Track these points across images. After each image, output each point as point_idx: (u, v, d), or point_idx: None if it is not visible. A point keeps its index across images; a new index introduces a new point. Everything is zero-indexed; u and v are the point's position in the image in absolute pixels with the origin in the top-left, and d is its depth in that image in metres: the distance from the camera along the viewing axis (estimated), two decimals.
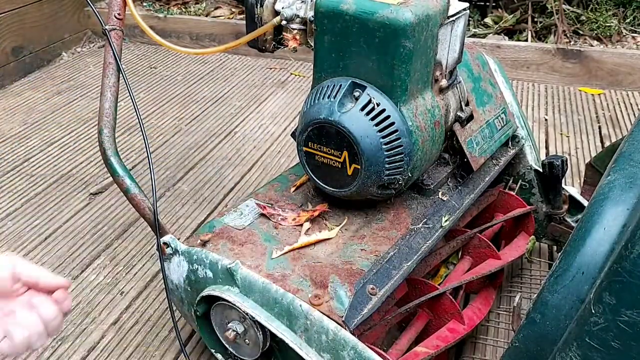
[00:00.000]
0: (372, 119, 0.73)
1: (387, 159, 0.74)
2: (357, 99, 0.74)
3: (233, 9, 2.59)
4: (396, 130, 0.73)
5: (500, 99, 1.01)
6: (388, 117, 0.73)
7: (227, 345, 0.80)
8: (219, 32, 2.48)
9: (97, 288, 1.15)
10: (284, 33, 0.85)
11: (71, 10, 2.49)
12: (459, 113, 0.87)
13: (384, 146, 0.73)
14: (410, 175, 0.78)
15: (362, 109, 0.73)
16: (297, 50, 0.86)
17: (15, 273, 0.61)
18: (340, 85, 0.74)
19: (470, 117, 0.89)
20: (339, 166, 0.76)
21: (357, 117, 0.73)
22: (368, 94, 0.73)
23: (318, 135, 0.76)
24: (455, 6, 0.79)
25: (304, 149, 0.79)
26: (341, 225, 0.81)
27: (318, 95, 0.76)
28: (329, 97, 0.74)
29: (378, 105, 0.73)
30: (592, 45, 2.16)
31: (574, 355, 0.49)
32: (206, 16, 2.58)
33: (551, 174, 1.00)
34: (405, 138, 0.73)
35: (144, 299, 1.12)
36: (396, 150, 0.73)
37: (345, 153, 0.75)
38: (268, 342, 0.74)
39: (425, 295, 0.82)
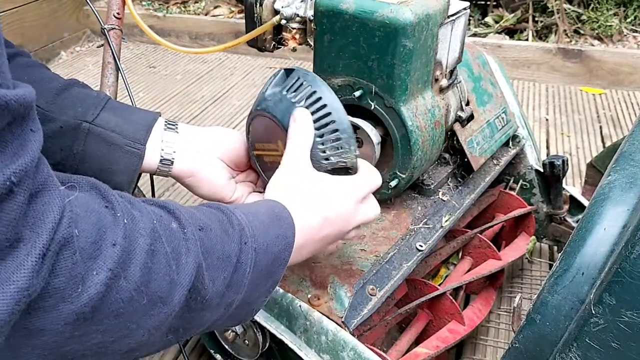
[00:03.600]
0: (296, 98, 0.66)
1: (318, 139, 0.66)
2: (284, 82, 0.68)
3: (232, 8, 2.59)
4: (325, 105, 0.66)
5: (501, 99, 1.01)
6: (314, 92, 0.66)
7: (226, 346, 0.80)
8: (219, 31, 2.48)
9: None
10: (283, 32, 0.85)
11: (70, 9, 2.49)
12: (459, 113, 0.87)
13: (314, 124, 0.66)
14: (410, 175, 0.78)
15: (288, 90, 0.67)
16: (296, 49, 0.86)
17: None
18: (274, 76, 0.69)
19: (471, 117, 0.89)
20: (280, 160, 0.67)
21: (281, 99, 0.67)
22: (297, 75, 0.67)
23: (257, 131, 0.71)
24: (456, 5, 0.79)
25: (254, 152, 0.73)
26: None
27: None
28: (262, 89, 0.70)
29: (303, 84, 0.67)
30: (593, 45, 2.15)
31: (574, 355, 0.49)
32: (205, 15, 2.58)
33: (552, 173, 1.00)
34: (336, 113, 0.66)
35: None
36: (328, 128, 0.66)
37: (279, 143, 0.68)
38: (267, 343, 0.74)
39: (426, 295, 0.81)
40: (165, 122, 0.71)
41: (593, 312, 0.46)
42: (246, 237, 0.50)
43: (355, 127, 0.77)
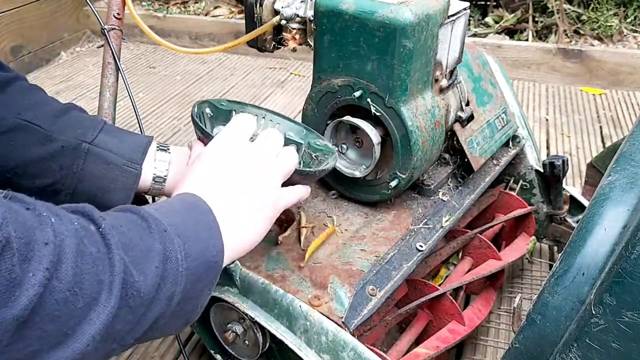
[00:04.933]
0: None
1: None
2: None
3: (232, 8, 2.59)
4: None
5: (501, 99, 1.01)
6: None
7: (226, 346, 0.80)
8: (219, 32, 2.48)
9: None
10: (283, 32, 0.85)
11: (70, 9, 2.49)
12: (459, 113, 0.87)
13: None
14: (411, 175, 0.78)
15: None
16: (296, 50, 0.86)
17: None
18: None
19: (471, 117, 0.89)
20: None
21: None
22: None
23: None
24: (456, 5, 0.79)
25: None
26: (338, 222, 0.81)
27: None
28: None
29: None
30: (593, 45, 2.15)
31: (574, 356, 0.49)
32: (205, 15, 2.58)
33: (552, 174, 1.00)
34: None
35: None
36: None
37: None
38: (268, 343, 0.74)
39: (426, 296, 0.81)
40: (158, 144, 0.75)
41: (593, 312, 0.46)
42: (164, 226, 0.49)
43: (356, 127, 0.77)
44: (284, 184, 0.64)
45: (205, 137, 0.67)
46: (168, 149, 0.75)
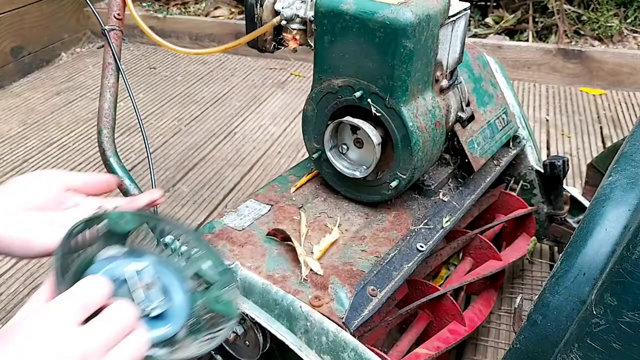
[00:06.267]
0: None
1: None
2: None
3: (233, 9, 2.59)
4: None
5: (501, 100, 1.01)
6: None
7: (226, 347, 0.80)
8: (219, 32, 2.48)
9: None
10: (283, 33, 0.85)
11: (70, 10, 2.50)
12: (459, 113, 0.87)
13: None
14: (411, 175, 0.78)
15: None
16: (297, 50, 0.86)
17: (65, 181, 0.63)
18: None
19: (471, 118, 0.89)
20: None
21: None
22: None
23: None
24: (456, 6, 0.79)
25: None
26: (338, 223, 0.81)
27: None
28: None
29: None
30: (593, 46, 2.15)
31: (575, 356, 0.49)
32: (206, 16, 2.58)
33: (552, 174, 1.00)
34: None
35: None
36: None
37: None
38: (268, 344, 0.74)
39: (426, 296, 0.81)
40: None
41: (594, 312, 0.46)
42: None
43: (356, 128, 0.77)
44: None
45: (56, 284, 0.47)
46: None
